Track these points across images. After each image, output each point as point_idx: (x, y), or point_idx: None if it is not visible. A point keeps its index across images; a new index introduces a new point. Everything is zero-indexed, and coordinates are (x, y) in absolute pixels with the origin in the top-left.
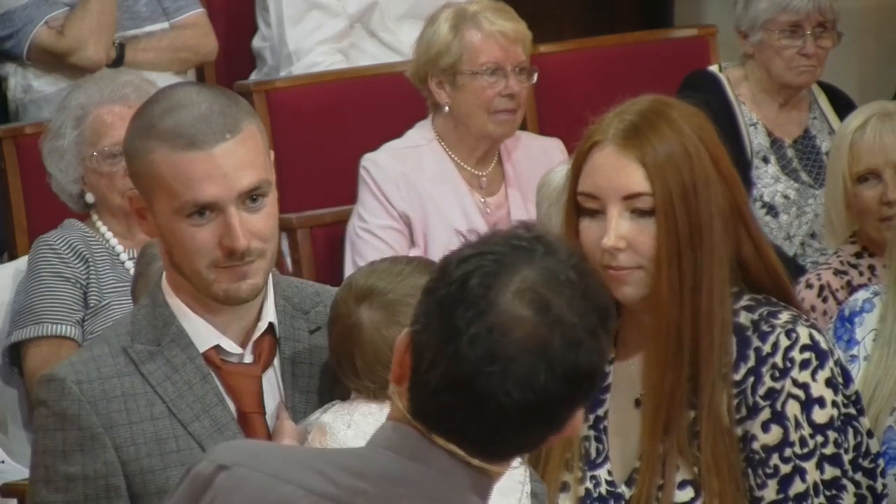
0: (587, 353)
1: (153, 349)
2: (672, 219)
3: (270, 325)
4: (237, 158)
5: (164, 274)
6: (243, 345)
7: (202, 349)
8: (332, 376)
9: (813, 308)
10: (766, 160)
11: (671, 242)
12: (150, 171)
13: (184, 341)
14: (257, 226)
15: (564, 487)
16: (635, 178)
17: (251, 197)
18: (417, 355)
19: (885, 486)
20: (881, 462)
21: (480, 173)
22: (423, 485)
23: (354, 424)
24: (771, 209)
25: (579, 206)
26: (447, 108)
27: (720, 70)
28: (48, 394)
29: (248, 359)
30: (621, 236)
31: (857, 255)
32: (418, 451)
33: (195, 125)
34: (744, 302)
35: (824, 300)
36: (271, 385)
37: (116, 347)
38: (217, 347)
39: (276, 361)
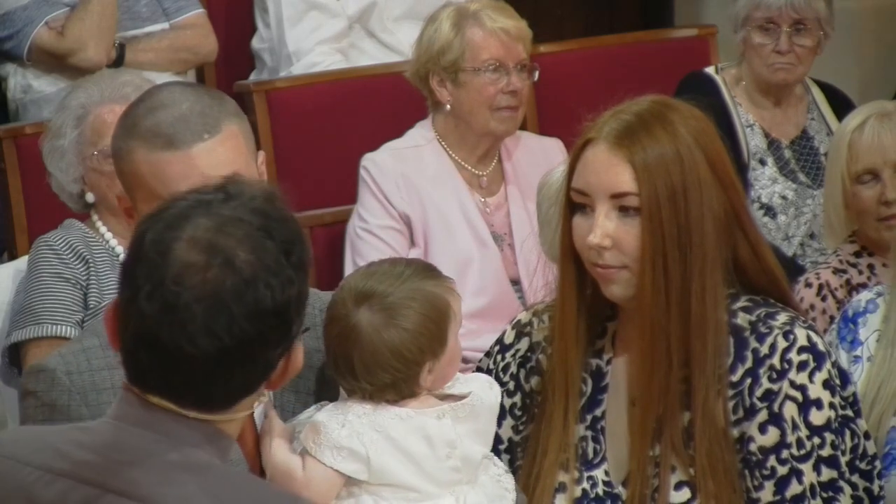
0: (267, 289)
1: None
2: (658, 220)
3: None
4: (215, 158)
5: None
6: None
7: None
8: (321, 377)
9: (812, 307)
10: (762, 162)
11: (656, 243)
12: (131, 170)
13: None
14: None
15: (561, 488)
16: (623, 178)
17: None
18: (119, 321)
19: (881, 488)
20: (878, 464)
21: (481, 173)
22: (145, 449)
23: (348, 424)
24: (769, 210)
25: (573, 202)
26: (448, 106)
27: (717, 71)
28: (37, 384)
29: None
30: (607, 234)
31: (857, 255)
32: (140, 416)
33: (173, 125)
34: (741, 303)
35: (823, 299)
36: None
37: (106, 340)
38: None
39: None
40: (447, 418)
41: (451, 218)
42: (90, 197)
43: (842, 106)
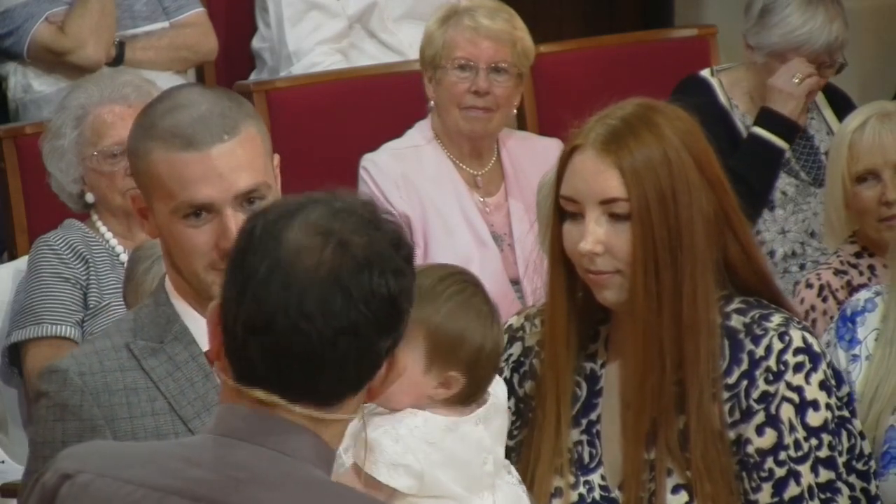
0: (381, 276)
1: (155, 346)
2: (648, 224)
3: None
4: (234, 160)
5: (167, 274)
6: None
7: (205, 348)
8: None
9: (813, 308)
10: None
11: (647, 247)
12: (148, 170)
13: (186, 339)
14: None
15: (557, 493)
16: (612, 183)
17: (248, 199)
18: (225, 317)
19: (877, 487)
20: (873, 464)
21: (476, 172)
22: (263, 466)
23: (402, 440)
24: (767, 203)
25: (563, 209)
26: (432, 102)
27: (712, 74)
28: (50, 385)
29: None
30: (598, 240)
31: (857, 255)
32: (249, 430)
33: (192, 125)
34: (735, 305)
35: (824, 300)
36: None
37: (119, 343)
38: None
39: None
40: (481, 423)
41: (451, 218)
42: (90, 197)
43: (842, 105)
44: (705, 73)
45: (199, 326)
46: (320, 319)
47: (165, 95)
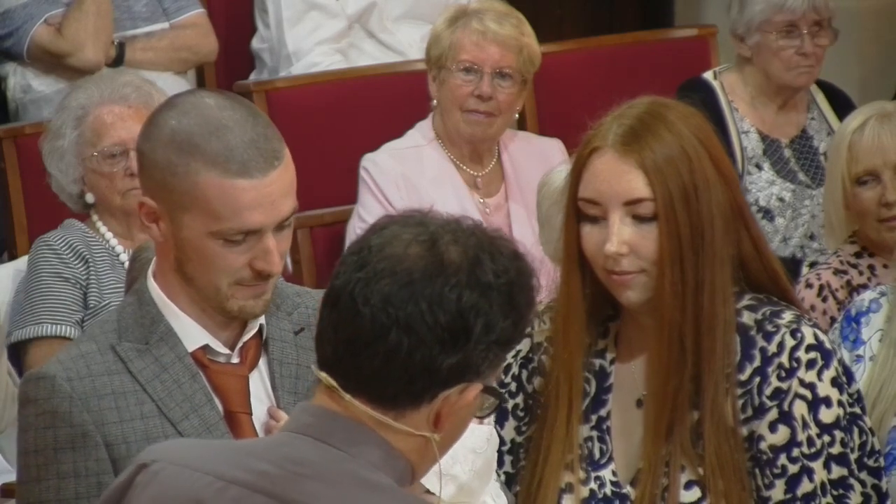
0: (457, 287)
1: (141, 347)
2: (674, 222)
3: (259, 326)
4: (282, 187)
5: (152, 273)
6: (231, 346)
7: (190, 349)
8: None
9: (813, 307)
10: (759, 166)
11: (673, 245)
12: (191, 190)
13: (172, 340)
14: (282, 247)
15: (568, 489)
16: (636, 184)
17: (284, 221)
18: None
19: (888, 483)
20: (882, 461)
21: (476, 173)
22: (326, 464)
23: (451, 450)
24: (766, 213)
25: (580, 211)
26: (434, 102)
27: (715, 77)
28: (38, 392)
29: (235, 360)
30: (624, 241)
31: (857, 255)
32: (319, 429)
33: (245, 151)
34: (745, 302)
35: (824, 300)
36: (256, 386)
37: (104, 345)
38: (205, 347)
39: (261, 363)
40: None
41: None
42: (90, 197)
43: (842, 106)
44: (708, 75)
45: (183, 326)
46: (378, 306)
47: (192, 109)
